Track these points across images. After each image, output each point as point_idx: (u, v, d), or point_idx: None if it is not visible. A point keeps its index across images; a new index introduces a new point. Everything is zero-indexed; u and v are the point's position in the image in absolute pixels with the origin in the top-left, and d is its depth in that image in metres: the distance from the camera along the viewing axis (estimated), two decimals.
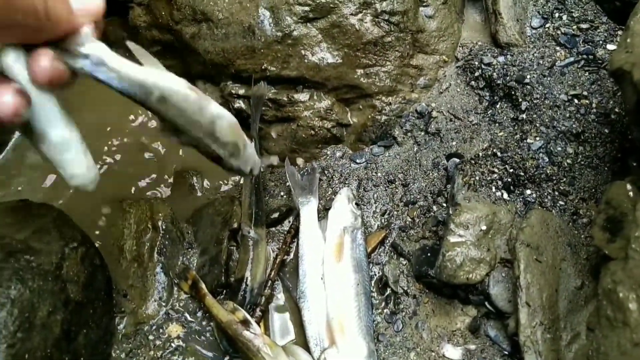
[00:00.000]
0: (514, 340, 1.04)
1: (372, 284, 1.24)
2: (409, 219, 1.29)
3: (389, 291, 1.23)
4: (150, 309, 1.25)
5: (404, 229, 1.28)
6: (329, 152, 1.41)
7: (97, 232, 1.35)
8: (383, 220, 1.31)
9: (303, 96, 1.37)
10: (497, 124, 1.30)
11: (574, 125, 1.20)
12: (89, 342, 1.12)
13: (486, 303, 1.08)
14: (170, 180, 1.44)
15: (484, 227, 1.09)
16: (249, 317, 1.18)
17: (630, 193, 0.93)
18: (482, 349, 1.10)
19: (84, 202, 1.36)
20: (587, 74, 1.27)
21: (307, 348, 1.17)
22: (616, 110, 1.21)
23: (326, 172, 1.39)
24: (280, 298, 1.28)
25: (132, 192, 1.43)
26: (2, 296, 0.96)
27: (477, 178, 1.15)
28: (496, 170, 1.16)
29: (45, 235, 1.07)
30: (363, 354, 1.12)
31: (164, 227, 1.32)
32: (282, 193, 1.39)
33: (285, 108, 1.39)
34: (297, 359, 1.15)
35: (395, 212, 1.31)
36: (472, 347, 1.11)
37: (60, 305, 1.05)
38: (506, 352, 1.08)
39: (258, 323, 1.20)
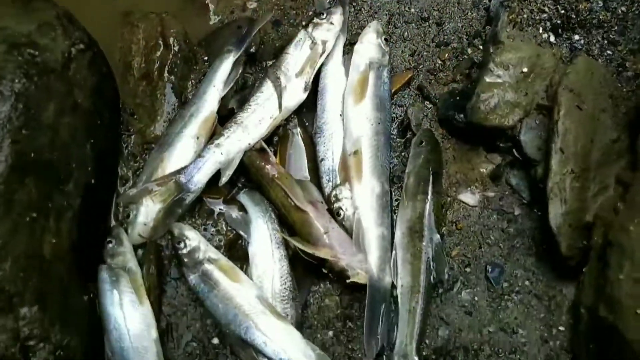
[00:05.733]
0: (536, 190, 1.01)
1: (393, 126, 1.19)
2: (440, 61, 1.21)
3: (409, 134, 1.17)
4: (158, 130, 1.19)
5: (433, 72, 1.20)
6: None
7: (101, 46, 1.24)
8: (411, 61, 1.22)
9: None
10: None
11: None
12: (96, 154, 1.07)
13: (514, 150, 1.04)
14: None
15: (525, 69, 1.01)
16: (265, 146, 1.13)
17: None
18: (501, 197, 1.07)
19: (89, 9, 1.24)
20: None
21: (319, 185, 1.14)
22: None
23: (354, 3, 1.27)
24: (295, 133, 1.22)
25: (140, 5, 1.30)
26: (5, 89, 0.89)
27: (525, 16, 1.05)
28: (546, 9, 1.06)
29: (50, 32, 0.98)
30: (376, 192, 1.09)
31: (176, 45, 1.22)
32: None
33: None
34: (309, 192, 1.12)
35: (425, 53, 1.22)
36: (491, 194, 1.08)
37: (68, 109, 0.99)
38: (525, 201, 1.05)
39: (274, 154, 1.16)
